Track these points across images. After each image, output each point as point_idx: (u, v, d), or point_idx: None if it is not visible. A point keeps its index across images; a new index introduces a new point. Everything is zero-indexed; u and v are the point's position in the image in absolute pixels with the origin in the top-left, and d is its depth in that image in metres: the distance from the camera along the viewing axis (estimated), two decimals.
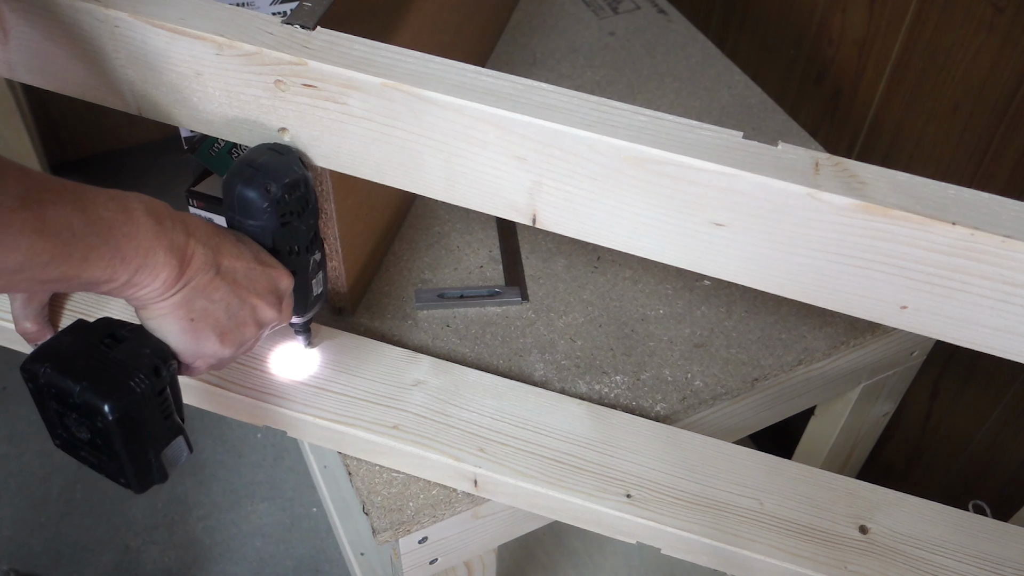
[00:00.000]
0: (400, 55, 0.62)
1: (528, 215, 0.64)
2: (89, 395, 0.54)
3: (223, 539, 1.51)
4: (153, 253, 0.53)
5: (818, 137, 1.21)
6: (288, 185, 0.62)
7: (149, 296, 0.55)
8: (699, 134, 0.59)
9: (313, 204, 0.66)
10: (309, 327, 0.75)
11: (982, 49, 0.96)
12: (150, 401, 0.56)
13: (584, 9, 1.23)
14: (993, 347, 0.61)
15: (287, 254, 0.65)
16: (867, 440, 1.13)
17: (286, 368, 0.75)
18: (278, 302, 0.64)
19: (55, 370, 0.55)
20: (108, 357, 0.56)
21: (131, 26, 0.62)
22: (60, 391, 0.55)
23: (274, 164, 0.63)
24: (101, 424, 0.54)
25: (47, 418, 0.58)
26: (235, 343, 0.61)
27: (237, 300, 0.60)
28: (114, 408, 0.54)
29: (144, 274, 0.53)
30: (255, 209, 0.62)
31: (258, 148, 0.64)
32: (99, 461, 0.58)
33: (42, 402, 0.57)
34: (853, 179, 0.57)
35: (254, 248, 0.63)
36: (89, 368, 0.55)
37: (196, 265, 0.57)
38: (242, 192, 0.62)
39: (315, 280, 0.70)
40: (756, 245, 0.60)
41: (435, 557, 0.77)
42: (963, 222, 0.55)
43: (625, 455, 0.74)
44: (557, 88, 0.61)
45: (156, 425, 0.58)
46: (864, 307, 0.61)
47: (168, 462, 0.60)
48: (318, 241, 0.69)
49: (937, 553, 0.71)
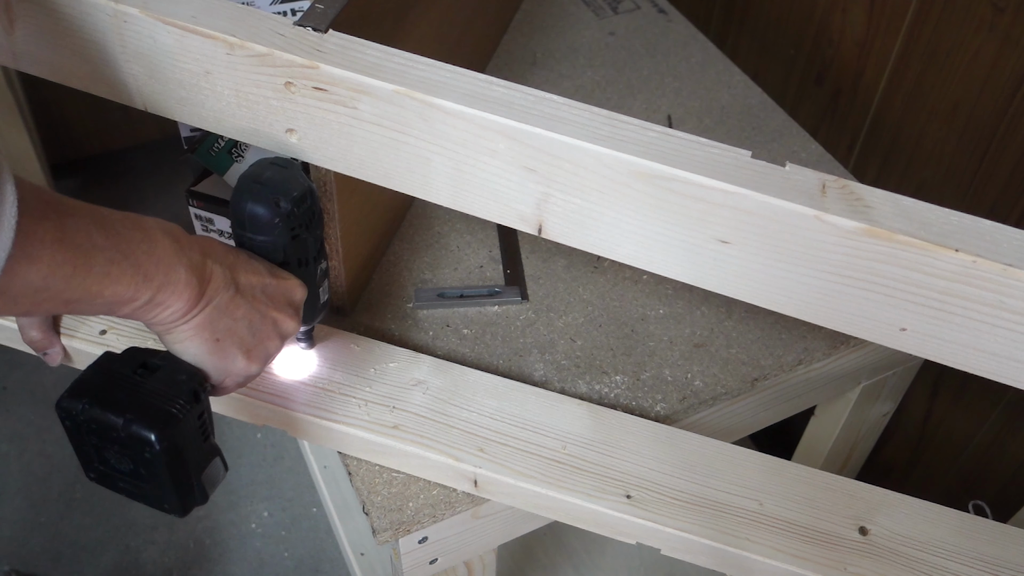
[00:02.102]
0: (412, 61, 0.62)
1: (534, 225, 0.64)
2: (135, 427, 0.54)
3: (223, 539, 1.51)
4: (174, 271, 0.53)
5: (818, 137, 1.21)
6: (296, 199, 0.63)
7: (172, 318, 0.55)
8: (708, 151, 0.59)
9: (319, 215, 0.67)
10: (312, 333, 0.76)
11: (982, 49, 0.96)
12: (191, 426, 0.57)
13: (584, 9, 1.23)
14: (990, 371, 0.62)
15: (297, 266, 0.66)
16: (867, 440, 1.13)
17: (286, 368, 0.75)
18: (296, 313, 0.64)
19: (95, 405, 0.55)
20: (146, 387, 0.56)
21: (140, 22, 0.62)
22: (102, 426, 0.55)
23: (280, 178, 0.63)
24: (149, 455, 0.54)
25: (83, 453, 0.58)
26: (261, 358, 0.62)
27: (258, 316, 0.61)
28: (161, 438, 0.54)
29: (166, 293, 0.53)
30: (266, 225, 0.62)
31: (260, 163, 0.64)
32: (140, 490, 0.58)
33: (80, 438, 0.56)
34: (859, 202, 0.58)
35: (266, 263, 0.63)
36: (130, 400, 0.55)
37: (216, 284, 0.57)
38: (252, 209, 0.62)
39: (322, 288, 0.70)
40: (760, 263, 0.61)
41: (435, 557, 0.77)
42: (966, 249, 0.56)
43: (625, 455, 0.74)
44: (568, 100, 0.61)
45: (197, 448, 0.58)
46: (864, 328, 0.62)
47: (208, 483, 0.60)
48: (324, 250, 0.69)
49: (937, 554, 0.71)
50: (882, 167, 1.15)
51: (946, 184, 1.06)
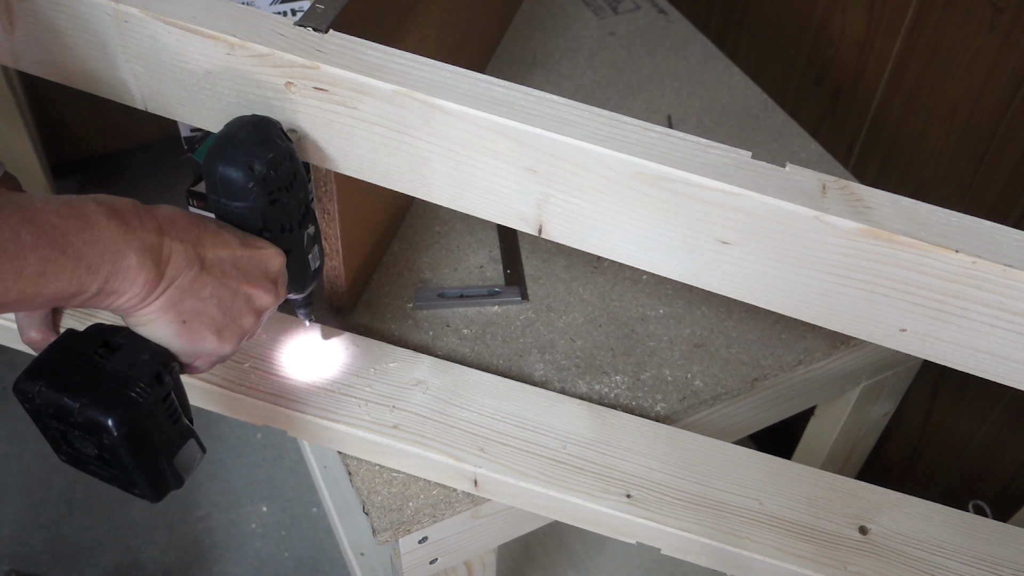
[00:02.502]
0: (413, 62, 0.62)
1: (535, 226, 0.64)
2: (91, 412, 0.51)
3: (223, 539, 1.51)
4: (123, 256, 0.50)
5: (818, 137, 1.21)
6: (272, 160, 0.59)
7: (130, 303, 0.52)
8: (709, 152, 0.59)
9: (301, 176, 0.62)
10: (311, 301, 0.72)
11: (982, 49, 0.96)
12: (155, 409, 0.54)
13: (584, 9, 1.23)
14: (989, 372, 0.62)
15: (279, 232, 0.62)
16: (867, 440, 1.13)
17: (287, 368, 0.75)
18: (272, 285, 0.60)
19: (51, 388, 0.52)
20: (105, 368, 0.53)
21: (141, 22, 0.62)
22: (59, 410, 0.52)
23: (255, 139, 0.59)
24: (107, 440, 0.52)
25: (49, 436, 0.55)
26: (234, 336, 0.58)
27: (229, 292, 0.57)
28: (119, 423, 0.51)
29: (118, 280, 0.50)
30: (239, 189, 0.58)
31: (236, 121, 0.60)
32: (110, 474, 0.55)
33: (41, 421, 0.54)
34: (859, 203, 0.58)
35: (238, 232, 0.59)
36: (87, 382, 0.52)
37: (176, 263, 0.53)
38: (224, 172, 0.58)
39: (311, 255, 0.66)
40: (761, 264, 0.61)
41: (435, 557, 0.77)
42: (966, 250, 0.56)
43: (625, 455, 0.74)
44: (569, 101, 0.61)
45: (165, 432, 0.55)
46: (864, 328, 0.62)
47: (182, 467, 0.57)
48: (311, 214, 0.65)
49: (937, 554, 0.71)
50: (882, 167, 1.15)
51: (946, 184, 1.06)
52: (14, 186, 0.73)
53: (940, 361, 0.62)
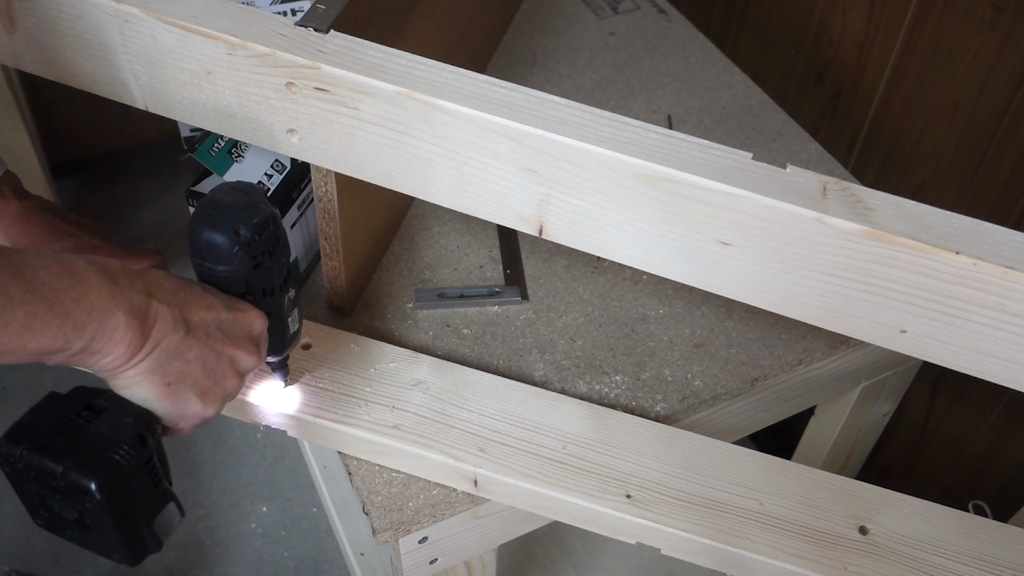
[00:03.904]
0: (414, 62, 0.62)
1: (535, 226, 0.64)
2: (74, 475, 0.51)
3: (223, 539, 1.51)
4: (111, 316, 0.50)
5: (818, 137, 1.21)
6: (257, 225, 0.59)
7: (113, 364, 0.52)
8: (710, 154, 0.59)
9: (284, 242, 0.63)
10: (287, 364, 0.72)
11: (982, 49, 0.96)
12: (138, 473, 0.53)
13: (584, 9, 1.23)
14: (989, 374, 0.62)
15: (261, 296, 0.62)
16: (867, 440, 1.13)
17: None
18: (255, 347, 0.61)
19: (33, 451, 0.51)
20: (88, 431, 0.53)
21: (142, 22, 0.62)
22: (41, 473, 0.51)
23: (240, 204, 0.59)
24: (89, 504, 0.51)
25: (27, 500, 0.55)
26: (218, 399, 0.58)
27: (213, 355, 0.57)
28: (102, 486, 0.51)
29: (103, 340, 0.50)
30: (224, 254, 0.59)
31: (220, 188, 0.60)
32: (88, 539, 0.55)
33: (21, 485, 0.54)
34: (860, 204, 0.58)
35: (223, 296, 0.59)
36: (70, 445, 0.52)
37: (163, 326, 0.53)
38: (209, 237, 0.58)
39: (291, 318, 0.66)
40: (761, 265, 0.61)
41: (435, 557, 0.77)
42: (967, 252, 0.56)
43: (625, 455, 0.74)
44: (570, 102, 0.61)
45: (146, 495, 0.55)
46: (865, 330, 0.62)
47: (161, 531, 0.57)
48: (292, 278, 0.65)
49: (937, 554, 0.71)
50: (882, 167, 1.15)
51: (946, 184, 1.06)
52: (15, 185, 0.73)
53: (940, 363, 0.62)
